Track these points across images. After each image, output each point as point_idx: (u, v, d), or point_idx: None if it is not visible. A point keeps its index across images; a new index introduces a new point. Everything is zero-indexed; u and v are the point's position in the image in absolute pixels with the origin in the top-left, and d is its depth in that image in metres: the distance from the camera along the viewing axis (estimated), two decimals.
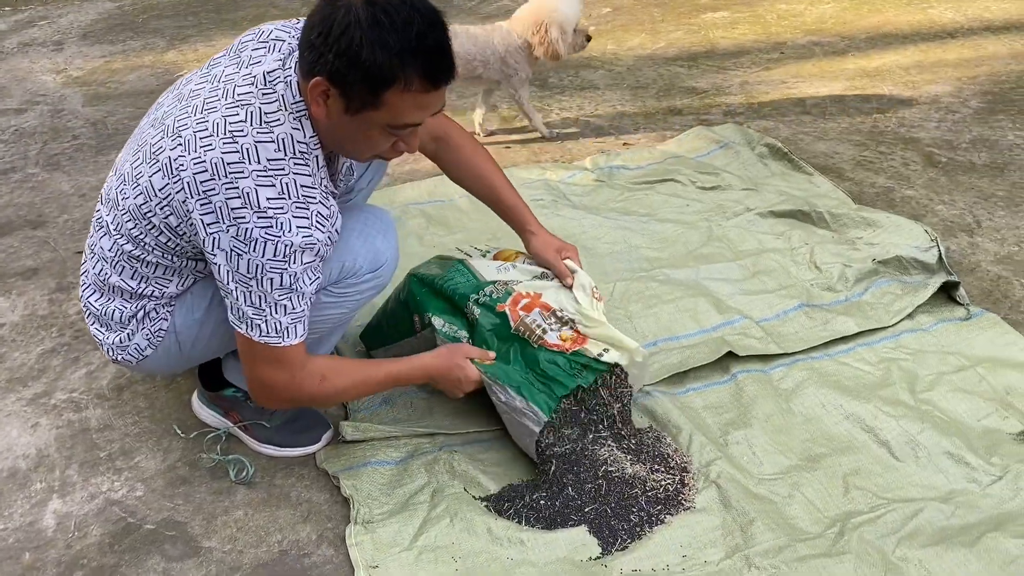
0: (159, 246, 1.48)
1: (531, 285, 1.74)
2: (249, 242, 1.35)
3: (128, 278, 1.54)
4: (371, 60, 1.28)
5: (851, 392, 1.77)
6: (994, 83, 3.21)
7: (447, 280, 1.76)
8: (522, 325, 1.68)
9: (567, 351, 1.66)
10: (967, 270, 2.17)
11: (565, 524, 1.51)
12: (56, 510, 1.63)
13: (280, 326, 1.42)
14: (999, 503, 1.51)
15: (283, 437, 1.72)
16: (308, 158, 1.39)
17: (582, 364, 1.65)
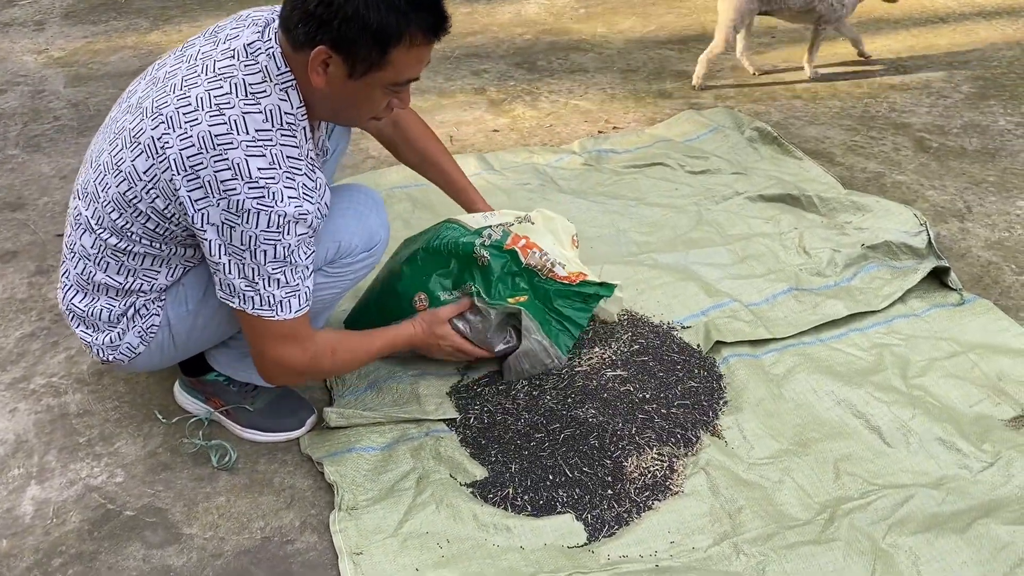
0: (146, 234, 1.45)
1: (521, 228, 1.78)
2: (241, 213, 1.33)
3: (114, 274, 1.50)
4: (379, 21, 1.30)
5: (843, 378, 1.75)
6: (985, 68, 3.20)
7: (442, 239, 1.76)
8: (532, 259, 1.74)
9: (574, 282, 1.75)
10: (958, 256, 2.16)
11: (552, 511, 1.50)
12: (34, 496, 1.60)
13: (273, 299, 1.40)
14: (990, 489, 1.50)
15: (266, 421, 1.69)
16: (295, 129, 1.38)
17: (589, 293, 1.75)
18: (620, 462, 1.55)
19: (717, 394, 1.72)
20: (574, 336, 1.75)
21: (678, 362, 1.76)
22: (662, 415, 1.64)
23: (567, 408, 1.65)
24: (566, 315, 1.74)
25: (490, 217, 1.83)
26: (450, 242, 1.74)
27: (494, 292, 1.73)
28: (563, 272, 1.75)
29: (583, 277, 1.77)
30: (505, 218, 1.82)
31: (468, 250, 1.73)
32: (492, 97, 3.16)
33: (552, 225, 1.84)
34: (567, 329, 1.75)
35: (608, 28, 3.78)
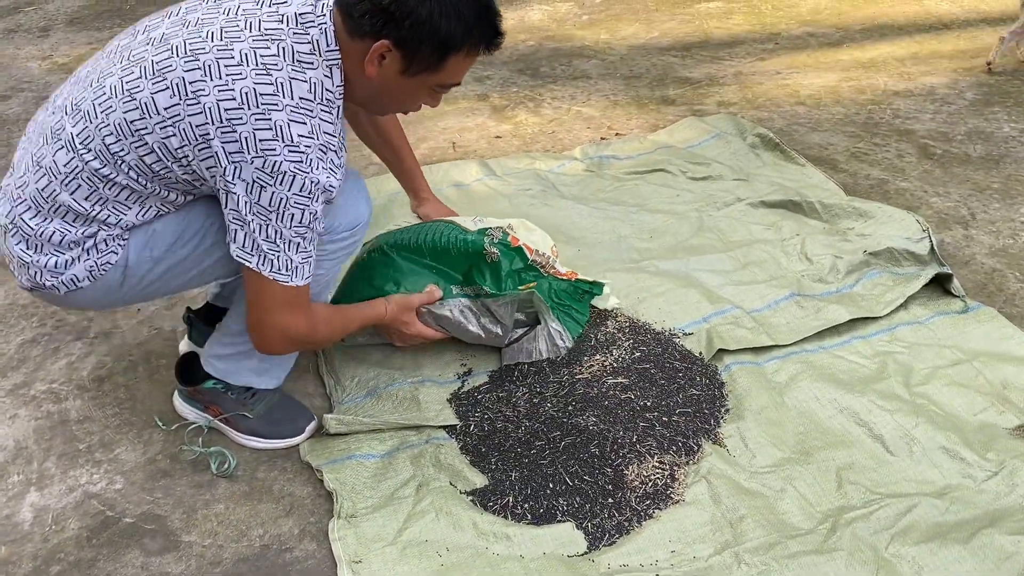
0: (138, 166, 1.40)
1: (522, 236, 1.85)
2: (277, 175, 1.34)
3: (82, 198, 1.42)
4: (447, 29, 1.36)
5: (845, 385, 1.74)
6: (990, 75, 3.19)
7: (447, 238, 1.78)
8: (538, 257, 1.83)
9: (571, 279, 1.86)
10: (962, 263, 2.15)
11: (552, 519, 1.49)
12: (33, 503, 1.60)
13: (291, 264, 1.41)
14: (994, 499, 1.49)
15: (266, 428, 1.69)
16: (332, 107, 1.40)
17: (583, 291, 1.87)
18: (621, 470, 1.54)
19: (719, 402, 1.71)
20: (580, 325, 1.84)
21: (680, 370, 1.75)
22: (663, 423, 1.63)
23: (568, 416, 1.64)
24: (570, 305, 1.84)
25: (478, 221, 1.86)
26: (457, 241, 1.77)
27: (504, 287, 1.78)
28: (562, 269, 1.87)
29: (575, 275, 1.88)
30: (490, 224, 1.85)
31: (478, 247, 1.76)
32: (495, 103, 3.16)
33: (532, 236, 1.88)
34: (573, 319, 1.84)
35: (611, 35, 3.78)
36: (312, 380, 1.86)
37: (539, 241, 1.88)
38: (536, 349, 1.80)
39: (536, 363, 1.78)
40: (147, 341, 2.00)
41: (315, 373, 1.87)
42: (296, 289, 1.44)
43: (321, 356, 1.89)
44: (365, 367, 1.84)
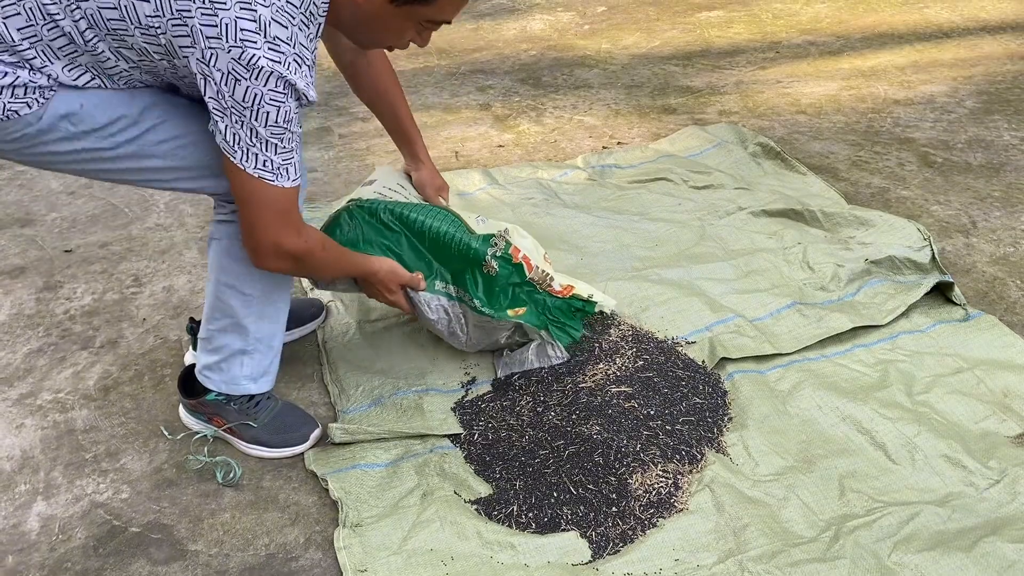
0: (93, 17, 1.31)
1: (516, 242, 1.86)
2: (252, 69, 1.29)
3: (15, 28, 1.31)
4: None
5: (848, 394, 1.75)
6: (990, 83, 3.20)
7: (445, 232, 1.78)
8: (536, 274, 1.84)
9: (566, 296, 1.87)
10: (963, 271, 2.16)
11: (556, 528, 1.50)
12: (40, 512, 1.61)
13: (272, 164, 1.37)
14: (996, 507, 1.50)
15: (271, 436, 1.69)
16: (313, 22, 1.35)
17: (576, 308, 1.89)
18: (625, 479, 1.55)
19: (722, 411, 1.72)
20: (574, 339, 1.86)
21: (683, 378, 1.76)
22: (667, 432, 1.64)
23: (571, 425, 1.65)
24: (563, 322, 1.86)
25: (481, 222, 1.87)
26: (460, 243, 1.78)
27: (495, 301, 1.78)
28: (557, 287, 1.87)
29: (571, 290, 1.89)
30: (493, 228, 1.86)
31: (479, 257, 1.77)
32: (497, 113, 3.18)
33: (524, 243, 1.88)
34: (567, 333, 1.86)
35: (612, 44, 3.80)
36: (317, 389, 1.87)
37: (530, 248, 1.88)
38: (528, 359, 1.82)
39: (539, 373, 1.79)
40: (153, 351, 2.01)
41: (320, 382, 1.88)
42: (283, 192, 1.40)
43: (326, 365, 1.90)
44: (369, 376, 1.85)
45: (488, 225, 1.86)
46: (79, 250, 2.42)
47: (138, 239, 2.46)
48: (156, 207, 2.63)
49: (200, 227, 2.50)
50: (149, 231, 2.50)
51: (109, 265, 2.35)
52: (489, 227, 1.85)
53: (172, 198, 2.67)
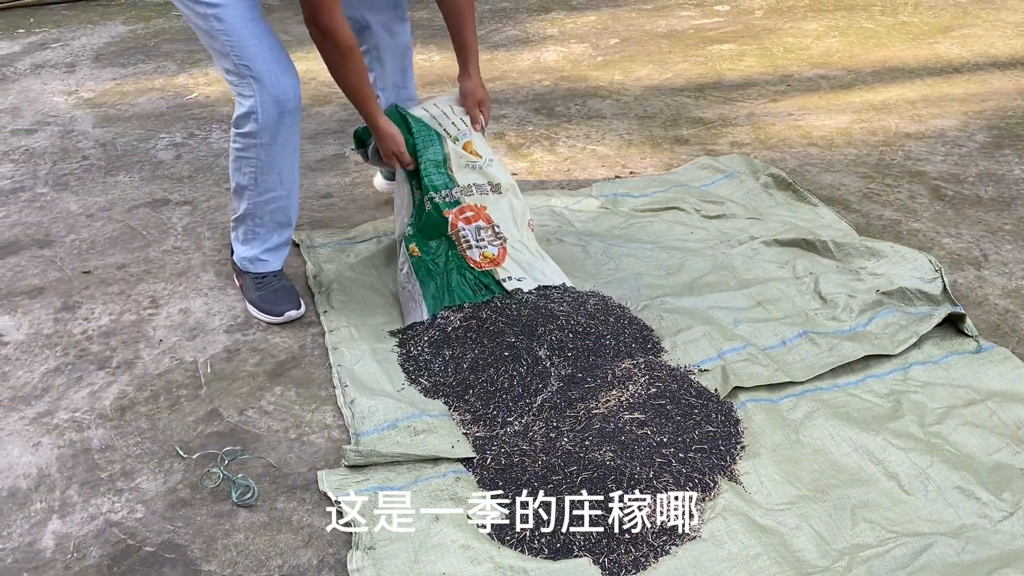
0: None
1: (481, 198, 2.17)
2: None
3: None
4: None
5: (860, 424, 1.75)
6: (1000, 118, 3.22)
7: (424, 150, 2.15)
8: (456, 233, 2.13)
9: (480, 268, 2.11)
10: (975, 303, 2.16)
11: (569, 554, 1.50)
12: (55, 531, 1.62)
13: None
14: (1010, 539, 1.49)
15: (262, 304, 2.18)
16: None
17: (484, 284, 2.11)
18: None
19: (735, 439, 1.72)
20: (452, 303, 2.09)
21: (695, 406, 1.77)
22: (680, 459, 1.64)
23: (584, 451, 1.65)
24: (453, 287, 2.11)
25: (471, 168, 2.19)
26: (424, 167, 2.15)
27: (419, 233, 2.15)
28: (475, 256, 2.12)
29: (495, 265, 2.12)
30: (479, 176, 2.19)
31: (424, 192, 2.14)
32: (511, 142, 3.21)
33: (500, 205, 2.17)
34: (451, 295, 2.10)
35: (625, 75, 3.85)
36: (331, 412, 1.88)
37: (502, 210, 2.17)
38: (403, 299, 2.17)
39: (551, 398, 1.81)
40: (168, 372, 2.03)
41: (334, 405, 1.90)
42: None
43: (339, 388, 1.92)
44: (383, 399, 1.86)
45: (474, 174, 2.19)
46: (97, 271, 2.45)
47: (155, 261, 2.49)
48: (174, 230, 2.67)
49: (217, 250, 2.53)
50: (167, 253, 2.53)
51: (127, 286, 2.37)
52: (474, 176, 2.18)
53: (190, 222, 2.71)
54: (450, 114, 2.24)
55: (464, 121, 2.25)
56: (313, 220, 2.68)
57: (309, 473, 1.72)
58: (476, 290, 2.11)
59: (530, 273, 2.14)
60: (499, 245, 2.15)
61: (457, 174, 2.18)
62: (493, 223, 2.16)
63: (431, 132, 2.19)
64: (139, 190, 2.95)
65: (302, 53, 4.41)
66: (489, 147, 2.27)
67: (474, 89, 2.22)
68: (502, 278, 2.11)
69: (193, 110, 3.66)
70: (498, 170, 2.24)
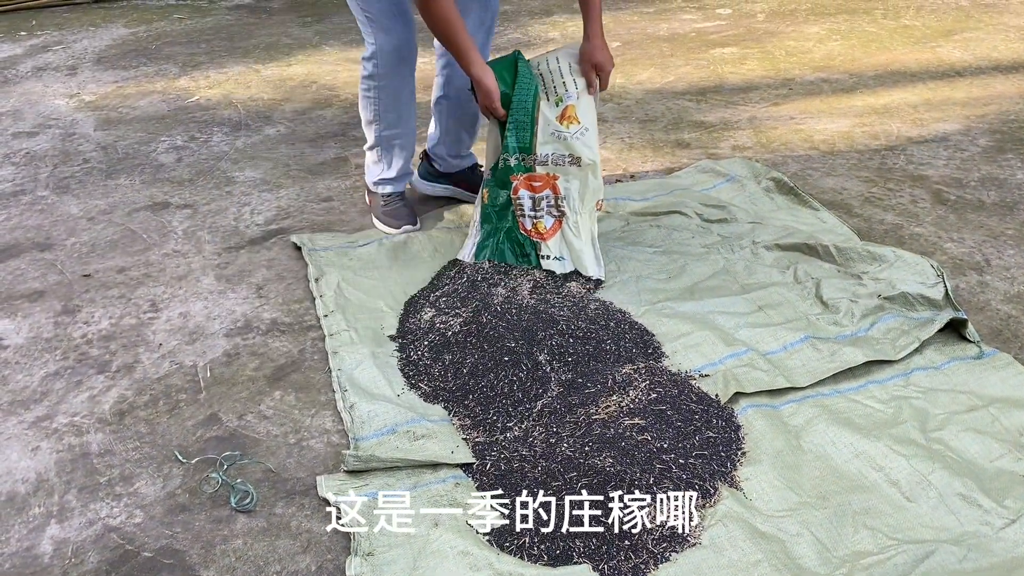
0: None
1: (555, 168, 2.23)
2: None
3: None
4: None
5: (861, 430, 1.74)
6: (1003, 122, 3.22)
7: (516, 108, 2.22)
8: (516, 198, 2.27)
9: (530, 235, 2.27)
10: (977, 309, 2.15)
11: (568, 561, 1.49)
12: (54, 536, 1.61)
13: None
14: (1012, 547, 1.48)
15: (383, 218, 2.55)
16: None
17: (526, 252, 2.27)
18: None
19: (735, 445, 1.71)
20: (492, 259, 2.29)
21: (696, 412, 1.76)
22: (680, 465, 1.63)
23: (584, 456, 1.65)
24: (500, 243, 2.29)
25: (555, 138, 2.23)
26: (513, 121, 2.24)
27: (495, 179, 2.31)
28: (527, 224, 2.27)
29: (549, 237, 2.24)
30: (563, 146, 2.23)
31: (503, 151, 2.25)
32: None
33: (572, 184, 2.23)
34: (494, 251, 2.29)
35: (627, 79, 3.84)
36: (331, 417, 1.87)
37: (575, 189, 2.22)
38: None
39: (551, 403, 1.80)
40: (168, 376, 2.02)
41: (334, 410, 1.89)
42: None
43: (339, 393, 1.91)
44: (383, 403, 1.86)
45: (559, 144, 2.23)
46: (97, 275, 2.45)
47: (156, 265, 2.49)
48: (174, 234, 2.66)
49: (217, 254, 2.53)
50: (167, 257, 2.53)
51: (127, 290, 2.37)
52: (558, 147, 2.23)
53: (190, 225, 2.71)
54: (564, 72, 2.25)
55: (576, 82, 2.24)
56: (314, 224, 2.68)
57: (308, 478, 1.71)
58: (516, 254, 2.28)
59: (571, 257, 2.24)
60: (556, 219, 2.25)
61: (539, 141, 2.23)
62: (559, 195, 2.24)
63: (532, 90, 2.22)
64: (140, 193, 2.94)
65: (303, 56, 4.41)
66: (593, 113, 2.26)
67: (591, 52, 2.22)
68: (543, 254, 2.25)
69: (194, 113, 3.66)
70: (586, 143, 2.23)
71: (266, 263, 2.48)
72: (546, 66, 2.26)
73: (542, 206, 2.25)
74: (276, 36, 4.74)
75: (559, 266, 2.25)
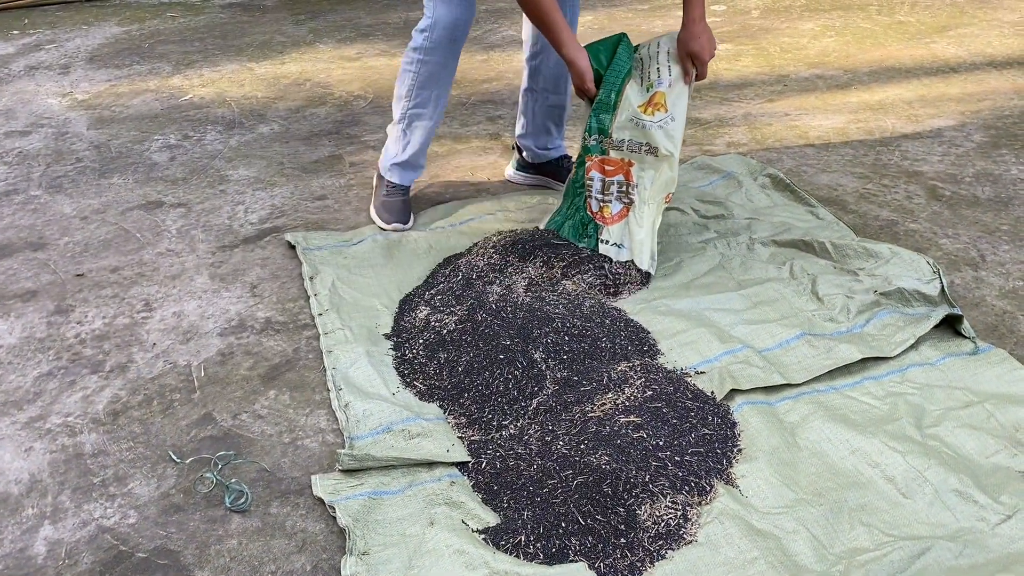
0: None
1: (630, 155, 2.24)
2: None
3: None
4: None
5: (857, 426, 1.74)
6: (997, 118, 3.22)
7: (604, 89, 2.24)
8: (587, 178, 2.31)
9: (595, 218, 2.30)
10: (972, 305, 2.15)
11: (564, 559, 1.49)
12: (47, 537, 1.60)
13: None
14: (1008, 543, 1.48)
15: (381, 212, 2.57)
16: None
17: (588, 233, 2.31)
18: (633, 510, 1.54)
19: (731, 442, 1.71)
20: (558, 230, 2.36)
21: (692, 409, 1.76)
22: (676, 463, 1.63)
23: (580, 454, 1.64)
24: (570, 219, 2.34)
25: (634, 125, 2.22)
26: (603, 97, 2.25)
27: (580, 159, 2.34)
28: (595, 207, 2.30)
29: (612, 223, 2.27)
30: (641, 134, 2.21)
31: (585, 130, 2.29)
32: (506, 142, 3.20)
33: (646, 174, 2.23)
34: (562, 224, 2.35)
35: None
36: (325, 416, 1.87)
37: (662, 184, 2.22)
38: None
39: (547, 401, 1.80)
40: (162, 376, 2.01)
41: (328, 409, 1.88)
42: None
43: (334, 392, 1.90)
44: (378, 403, 1.85)
45: (637, 131, 2.22)
46: (91, 274, 2.44)
47: (149, 264, 2.48)
48: (168, 232, 2.65)
49: (211, 253, 2.52)
50: (160, 256, 2.52)
51: (120, 290, 2.36)
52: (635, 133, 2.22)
53: (184, 224, 2.70)
54: (661, 58, 2.24)
55: (671, 69, 2.23)
56: (308, 222, 2.67)
57: (303, 478, 1.71)
58: (580, 234, 2.32)
59: (630, 246, 2.25)
60: (625, 205, 2.26)
61: (616, 125, 2.24)
62: (631, 182, 2.24)
63: (622, 73, 2.23)
64: (133, 192, 2.93)
65: (297, 54, 4.40)
66: (684, 103, 2.23)
67: (687, 40, 2.20)
68: (603, 238, 2.28)
69: (187, 112, 3.64)
70: (668, 132, 2.21)
71: (260, 262, 2.47)
72: (646, 51, 2.26)
73: (611, 190, 2.27)
74: (270, 34, 4.72)
75: (616, 253, 2.26)
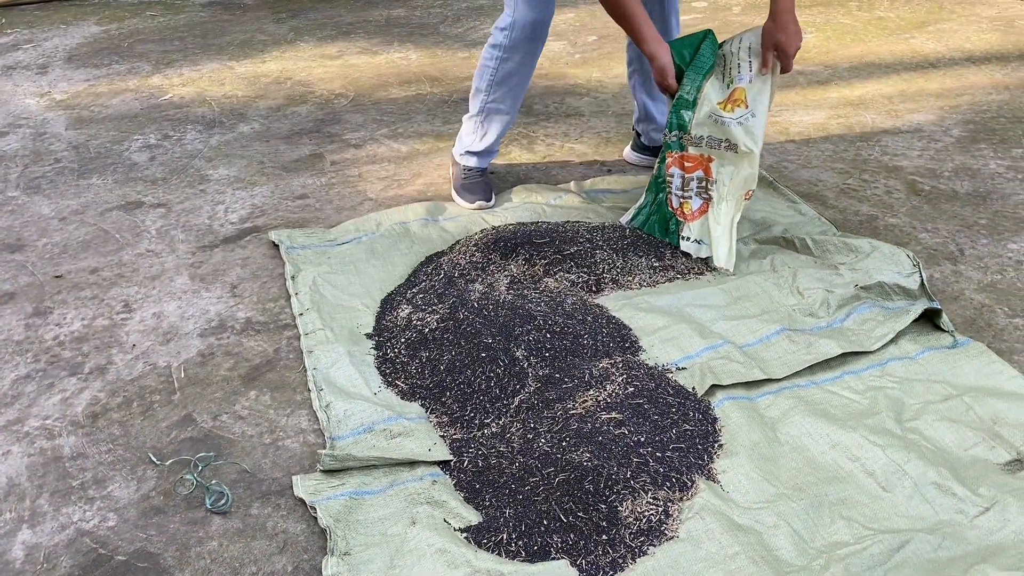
0: None
1: (710, 151, 2.25)
2: None
3: None
4: None
5: (838, 421, 1.75)
6: (976, 112, 3.24)
7: (685, 85, 2.26)
8: (667, 174, 2.33)
9: (675, 213, 2.31)
10: (951, 298, 2.17)
11: (546, 556, 1.49)
12: (25, 541, 1.59)
13: None
14: (987, 534, 1.50)
15: (461, 192, 2.63)
16: None
17: (670, 229, 2.33)
18: (615, 507, 1.55)
19: (712, 437, 1.71)
20: (641, 227, 2.40)
21: (673, 405, 1.76)
22: (657, 459, 1.63)
23: (562, 452, 1.64)
24: (653, 215, 2.37)
25: (713, 121, 2.22)
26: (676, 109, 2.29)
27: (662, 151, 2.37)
28: (676, 204, 2.32)
29: (692, 220, 2.28)
30: (719, 131, 2.22)
31: (667, 125, 2.31)
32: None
33: (725, 170, 2.24)
34: (645, 221, 2.39)
35: (603, 73, 3.84)
36: (306, 416, 1.86)
37: (741, 180, 2.22)
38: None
39: (529, 399, 1.79)
40: (141, 377, 2.00)
41: (309, 409, 1.88)
42: None
43: (315, 392, 1.90)
44: (359, 402, 1.85)
45: (716, 127, 2.22)
46: (69, 276, 2.42)
47: (128, 265, 2.46)
48: (147, 233, 2.63)
49: (191, 253, 2.50)
50: (140, 257, 2.50)
51: (99, 291, 2.34)
52: (714, 129, 2.23)
53: (164, 224, 2.68)
54: (742, 54, 2.24)
55: (751, 64, 2.22)
56: (288, 221, 2.66)
57: (284, 478, 1.70)
58: (663, 230, 2.35)
59: (710, 243, 2.27)
60: (704, 201, 2.28)
61: (696, 122, 2.26)
62: (711, 178, 2.26)
63: (704, 69, 2.25)
64: (112, 193, 2.91)
65: (278, 52, 4.38)
66: (766, 98, 2.22)
67: (774, 32, 2.17)
68: (684, 235, 2.30)
69: (167, 111, 3.62)
70: (748, 129, 2.21)
71: (241, 262, 2.45)
72: (730, 47, 2.26)
73: (691, 187, 2.29)
74: (250, 33, 4.70)
75: (696, 249, 2.29)
